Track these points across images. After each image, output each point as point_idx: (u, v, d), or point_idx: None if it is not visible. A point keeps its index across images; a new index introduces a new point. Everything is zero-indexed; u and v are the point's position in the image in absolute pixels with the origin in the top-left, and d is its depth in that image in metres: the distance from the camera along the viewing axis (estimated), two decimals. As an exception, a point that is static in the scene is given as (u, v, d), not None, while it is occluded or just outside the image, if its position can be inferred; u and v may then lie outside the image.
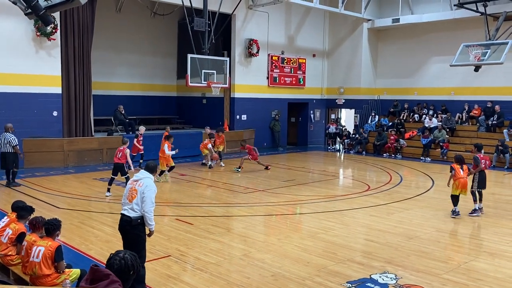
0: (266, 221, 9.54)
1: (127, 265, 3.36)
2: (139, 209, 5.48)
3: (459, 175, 9.48)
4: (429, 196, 12.05)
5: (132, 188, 5.59)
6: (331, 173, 15.92)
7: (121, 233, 5.65)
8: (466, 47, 15.42)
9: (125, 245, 5.58)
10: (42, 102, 15.12)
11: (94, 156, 16.25)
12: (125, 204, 5.60)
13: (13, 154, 11.99)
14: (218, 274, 6.27)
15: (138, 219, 5.48)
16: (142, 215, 5.49)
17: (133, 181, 5.68)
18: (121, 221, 5.60)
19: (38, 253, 5.14)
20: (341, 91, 23.87)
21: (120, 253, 3.43)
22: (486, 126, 19.26)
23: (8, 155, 11.97)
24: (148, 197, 5.47)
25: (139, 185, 5.55)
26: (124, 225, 5.54)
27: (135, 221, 5.47)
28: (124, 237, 5.63)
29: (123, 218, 5.56)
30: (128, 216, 5.49)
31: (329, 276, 6.26)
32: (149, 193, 5.51)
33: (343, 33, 23.74)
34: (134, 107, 20.89)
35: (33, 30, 14.68)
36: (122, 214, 5.58)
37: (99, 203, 10.59)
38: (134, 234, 5.52)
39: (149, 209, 5.47)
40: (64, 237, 7.64)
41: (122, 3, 20.54)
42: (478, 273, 6.49)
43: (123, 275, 3.33)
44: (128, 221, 5.49)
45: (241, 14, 20.37)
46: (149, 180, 5.63)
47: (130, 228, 5.50)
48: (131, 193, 5.56)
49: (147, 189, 5.51)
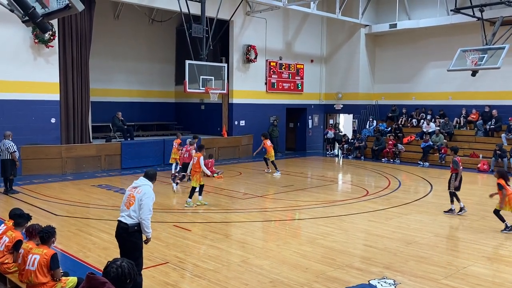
0: (264, 227, 9.52)
1: (124, 273, 3.34)
2: (136, 216, 5.45)
3: (509, 191, 8.82)
4: (428, 201, 12.04)
5: (130, 195, 5.56)
6: (330, 178, 15.91)
7: (118, 240, 5.62)
8: (463, 52, 15.48)
9: (122, 252, 5.54)
10: (40, 109, 15.12)
11: (92, 162, 16.22)
12: (122, 211, 5.58)
13: (12, 161, 11.96)
14: (217, 281, 6.24)
15: (135, 226, 5.45)
16: (139, 222, 5.47)
17: (132, 188, 5.65)
18: (118, 228, 5.58)
19: (33, 261, 5.10)
20: (339, 96, 23.91)
21: (117, 261, 3.41)
22: (484, 131, 19.29)
23: (7, 162, 11.97)
24: (146, 204, 5.45)
25: (137, 192, 5.53)
26: (121, 232, 5.51)
27: (131, 228, 5.44)
28: (120, 244, 5.60)
29: (120, 225, 5.53)
30: (125, 223, 5.46)
31: (328, 282, 6.24)
32: (147, 200, 5.48)
33: (341, 38, 23.82)
34: (133, 114, 20.92)
35: (31, 37, 14.71)
36: (119, 221, 5.55)
37: (97, 210, 10.56)
38: (130, 241, 5.49)
39: (146, 216, 5.44)
40: (62, 245, 7.61)
41: (120, 10, 20.60)
42: (477, 278, 6.48)
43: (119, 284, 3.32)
44: (124, 228, 5.46)
45: (239, 20, 20.44)
46: (148, 187, 5.61)
47: (126, 235, 5.46)
48: (129, 200, 5.53)
49: (145, 196, 5.48)
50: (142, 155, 17.25)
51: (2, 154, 11.99)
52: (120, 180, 14.56)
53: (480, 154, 18.39)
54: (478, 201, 12.00)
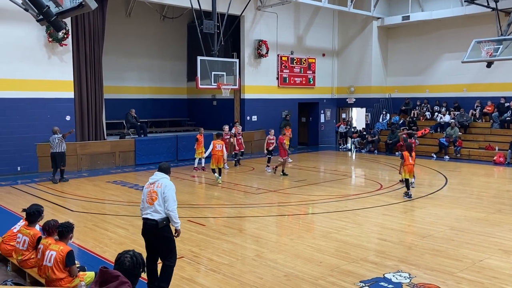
0: (278, 221, 9.54)
1: (138, 262, 3.41)
2: (163, 210, 5.40)
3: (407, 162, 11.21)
4: (443, 194, 11.94)
5: (150, 191, 5.48)
6: (343, 173, 15.85)
7: (147, 238, 5.55)
8: (477, 43, 15.28)
9: (154, 249, 5.50)
10: (55, 106, 15.32)
11: (106, 159, 16.41)
12: (145, 209, 5.50)
13: (62, 153, 13.31)
14: (231, 275, 6.29)
15: (163, 220, 5.41)
16: (167, 215, 5.42)
17: (149, 184, 5.57)
18: (145, 226, 5.48)
19: (50, 257, 5.17)
20: (352, 90, 23.77)
21: (129, 252, 3.48)
22: (500, 123, 19.02)
23: (58, 154, 13.26)
24: (170, 196, 5.41)
25: (157, 186, 5.47)
26: (150, 229, 5.42)
27: (161, 223, 5.39)
28: (151, 241, 5.52)
29: (148, 222, 5.43)
30: (153, 219, 5.38)
31: (342, 275, 6.24)
32: (170, 192, 5.43)
33: (353, 31, 23.64)
34: (145, 110, 21.07)
35: (45, 36, 14.88)
36: (146, 219, 5.45)
37: (112, 205, 10.69)
38: (163, 236, 5.43)
39: (172, 207, 5.40)
40: (79, 240, 7.73)
41: (131, 8, 20.71)
42: (493, 271, 6.42)
43: (134, 272, 3.36)
44: (154, 225, 5.38)
45: (250, 15, 20.40)
46: (166, 179, 5.57)
47: (157, 231, 5.41)
48: (150, 196, 5.47)
49: (167, 189, 5.44)
50: (156, 151, 17.39)
51: (53, 148, 13.24)
52: (134, 176, 14.71)
53: (496, 147, 18.14)
54: (495, 194, 11.87)
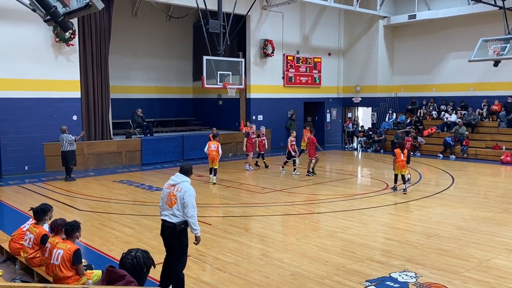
0: (284, 220, 9.55)
1: (139, 263, 3.44)
2: (181, 214, 5.37)
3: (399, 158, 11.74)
4: (449, 193, 11.89)
5: (170, 193, 5.44)
6: (349, 172, 15.83)
7: (164, 238, 5.59)
8: (484, 42, 15.21)
9: (168, 250, 5.57)
10: (62, 106, 15.41)
11: (113, 159, 16.49)
12: (164, 209, 5.49)
13: (72, 152, 13.72)
14: (237, 274, 6.31)
15: (181, 224, 5.40)
16: (185, 219, 5.40)
17: (170, 185, 5.50)
18: (163, 227, 5.50)
19: (57, 255, 5.22)
20: (358, 89, 23.71)
21: (132, 252, 3.51)
22: (507, 122, 18.90)
23: (67, 153, 13.65)
24: (189, 202, 5.32)
25: (177, 190, 5.40)
26: (168, 231, 5.44)
27: (179, 227, 5.38)
28: (167, 242, 5.56)
29: (166, 224, 5.45)
30: (171, 222, 5.39)
31: (348, 275, 6.24)
32: (189, 198, 5.34)
33: (359, 31, 23.58)
34: (151, 110, 21.14)
35: (52, 36, 14.97)
36: (164, 220, 5.47)
37: (118, 204, 10.74)
38: (177, 240, 5.44)
39: (192, 214, 5.34)
40: (86, 239, 7.78)
41: (138, 8, 20.79)
42: (500, 270, 6.39)
43: (136, 273, 3.40)
44: (172, 227, 5.39)
45: (256, 15, 20.41)
46: (187, 184, 5.46)
47: (174, 234, 5.40)
48: (169, 198, 5.42)
49: (187, 194, 5.35)
50: (162, 150, 17.46)
51: (63, 146, 13.62)
52: (140, 176, 14.75)
53: (503, 146, 18.04)
54: (502, 193, 11.81)
